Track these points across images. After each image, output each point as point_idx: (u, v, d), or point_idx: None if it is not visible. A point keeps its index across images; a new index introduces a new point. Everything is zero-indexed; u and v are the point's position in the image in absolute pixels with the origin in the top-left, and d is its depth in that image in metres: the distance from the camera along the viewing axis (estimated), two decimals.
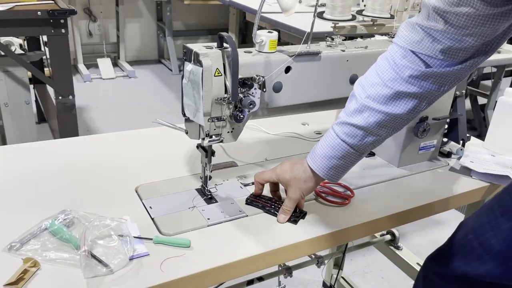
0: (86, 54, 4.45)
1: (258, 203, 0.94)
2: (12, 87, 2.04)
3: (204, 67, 0.82)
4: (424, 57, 0.79)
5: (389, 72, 0.82)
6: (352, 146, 0.85)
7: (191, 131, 0.92)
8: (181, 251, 0.79)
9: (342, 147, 0.85)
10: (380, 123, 0.83)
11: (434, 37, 0.77)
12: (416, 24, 0.80)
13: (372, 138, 0.85)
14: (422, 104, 0.84)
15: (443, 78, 0.81)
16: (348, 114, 0.85)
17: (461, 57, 0.79)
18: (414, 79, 0.80)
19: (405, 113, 0.83)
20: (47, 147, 1.15)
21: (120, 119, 3.45)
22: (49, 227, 0.80)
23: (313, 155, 0.89)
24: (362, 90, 0.85)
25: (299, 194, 0.90)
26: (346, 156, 0.86)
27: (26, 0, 1.97)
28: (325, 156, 0.86)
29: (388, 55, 0.83)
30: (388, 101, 0.82)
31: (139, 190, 0.97)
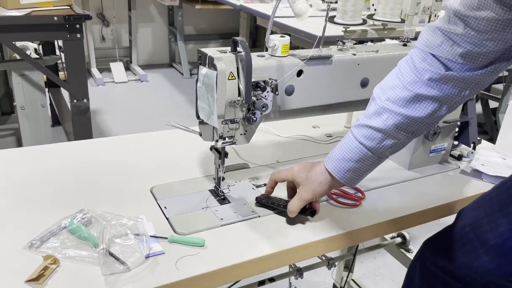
0: (99, 58, 4.52)
1: (268, 202, 0.96)
2: (29, 91, 2.09)
3: (218, 70, 0.84)
4: (444, 60, 0.79)
5: (409, 74, 0.82)
6: (370, 149, 0.85)
7: (205, 133, 0.94)
8: (196, 250, 0.81)
9: (359, 149, 0.85)
10: (399, 125, 0.83)
11: (454, 41, 0.77)
12: (436, 27, 0.80)
13: (391, 141, 0.85)
14: (442, 108, 0.83)
15: (463, 82, 0.80)
16: (367, 116, 0.85)
17: (481, 62, 0.78)
18: (433, 82, 0.80)
19: (424, 116, 0.82)
20: (63, 149, 1.18)
21: (132, 122, 3.49)
22: (68, 225, 0.82)
23: (330, 157, 0.88)
24: (382, 92, 0.85)
25: (311, 195, 0.89)
26: (364, 159, 0.86)
27: (43, 6, 2.01)
28: (342, 159, 0.86)
29: (409, 58, 0.84)
30: (408, 103, 0.82)
31: (154, 190, 1.00)
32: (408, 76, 0.82)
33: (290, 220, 0.93)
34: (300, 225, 0.92)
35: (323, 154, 1.21)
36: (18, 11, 1.92)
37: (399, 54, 1.04)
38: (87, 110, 2.13)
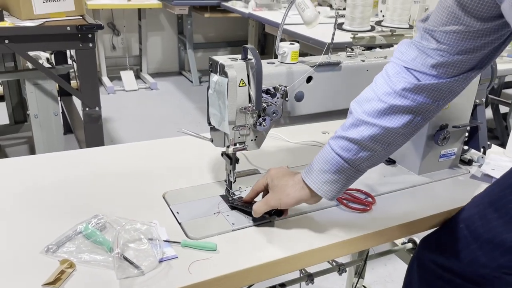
0: (110, 67, 4.58)
1: (238, 204, 0.96)
2: (42, 99, 2.13)
3: (229, 78, 0.86)
4: (417, 74, 0.82)
5: (383, 86, 0.84)
6: (347, 160, 0.85)
7: (216, 139, 0.96)
8: (208, 254, 0.83)
9: (336, 160, 0.86)
10: (374, 137, 0.84)
11: (427, 54, 0.81)
12: (411, 42, 0.84)
13: (367, 153, 0.85)
14: (416, 118, 0.85)
15: (436, 91, 0.83)
16: (344, 129, 0.87)
17: (453, 72, 0.81)
18: (407, 92, 0.82)
19: (399, 127, 0.84)
20: (76, 156, 1.20)
21: (142, 130, 3.53)
22: (83, 230, 0.84)
23: (308, 169, 0.89)
24: (358, 106, 0.87)
25: (277, 203, 0.89)
26: (341, 170, 0.86)
27: (56, 16, 2.05)
28: (319, 170, 0.86)
29: (384, 72, 0.87)
30: (383, 115, 0.83)
31: (166, 196, 1.01)
32: (382, 88, 0.84)
33: (301, 225, 0.94)
34: (310, 230, 0.93)
35: None
36: (32, 21, 1.96)
37: None
38: (99, 118, 2.16)
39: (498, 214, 0.88)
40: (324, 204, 1.01)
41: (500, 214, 0.87)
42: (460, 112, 1.14)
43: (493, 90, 3.54)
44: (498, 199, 0.89)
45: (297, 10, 0.87)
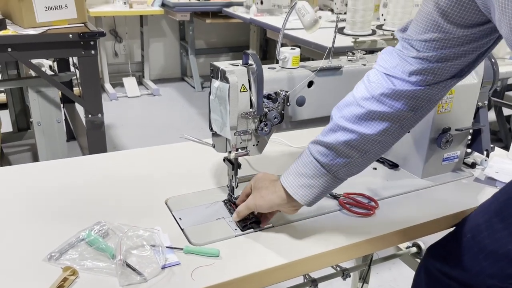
0: (112, 74, 4.60)
1: (233, 210, 0.96)
2: (45, 107, 2.14)
3: (230, 83, 0.86)
4: (396, 80, 0.82)
5: (362, 91, 0.85)
6: (324, 165, 0.85)
7: (218, 144, 0.96)
8: (211, 260, 0.82)
9: (313, 164, 0.85)
10: (350, 142, 0.83)
11: (408, 62, 0.81)
12: (393, 50, 0.85)
13: (343, 160, 0.84)
14: (394, 126, 0.84)
15: (413, 98, 0.82)
16: (323, 134, 0.87)
17: (432, 80, 0.81)
18: (384, 98, 0.82)
19: (375, 133, 0.83)
20: (79, 163, 1.21)
21: (145, 136, 3.53)
22: (86, 237, 0.84)
23: (286, 172, 0.89)
24: (337, 111, 0.87)
25: (252, 205, 0.89)
26: (318, 175, 0.85)
27: (58, 24, 2.07)
28: (297, 173, 0.86)
29: (365, 78, 0.87)
30: (360, 120, 0.83)
31: (168, 202, 1.01)
32: (361, 93, 0.84)
33: (304, 230, 0.93)
34: (313, 235, 0.93)
35: None
36: (34, 29, 1.97)
37: None
38: (101, 125, 2.16)
39: (504, 225, 0.86)
40: (325, 208, 1.00)
41: (506, 225, 0.86)
42: (463, 115, 1.14)
43: (496, 92, 3.53)
44: (504, 208, 0.88)
45: (297, 15, 0.87)
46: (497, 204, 0.91)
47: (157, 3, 4.20)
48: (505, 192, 0.91)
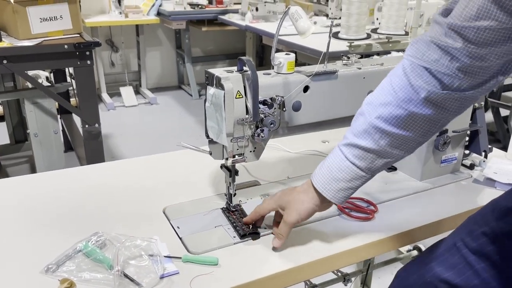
0: (109, 83, 4.60)
1: (232, 218, 0.95)
2: (41, 118, 2.13)
3: (225, 90, 0.86)
4: (441, 76, 0.74)
5: (403, 92, 0.77)
6: (363, 169, 0.82)
7: (215, 152, 0.95)
8: (210, 269, 0.81)
9: (351, 169, 0.82)
10: (392, 144, 0.80)
11: (453, 55, 0.72)
12: (431, 42, 0.75)
13: (384, 160, 0.82)
14: (436, 126, 0.80)
15: (459, 101, 0.77)
16: (356, 134, 0.82)
17: (481, 77, 0.74)
18: (430, 102, 0.76)
19: (418, 135, 0.80)
20: (76, 173, 1.20)
21: (143, 145, 3.53)
22: (83, 249, 0.83)
23: (319, 176, 0.85)
24: (372, 109, 0.81)
25: (295, 217, 0.85)
26: (357, 178, 0.83)
27: (54, 35, 2.07)
28: (333, 179, 0.83)
29: (401, 73, 0.79)
30: (401, 122, 0.78)
31: (166, 211, 1.00)
32: (402, 94, 0.77)
33: (303, 236, 0.93)
34: (312, 240, 0.92)
35: None
36: (30, 41, 1.98)
37: None
38: (98, 135, 2.16)
39: (477, 243, 0.83)
40: (325, 214, 1.00)
41: (478, 245, 0.83)
42: (460, 116, 1.12)
43: (493, 93, 3.54)
44: (477, 227, 0.84)
45: (291, 21, 0.87)
46: (474, 220, 0.87)
47: (153, 12, 4.21)
48: (483, 209, 0.87)
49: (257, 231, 0.92)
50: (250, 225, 0.93)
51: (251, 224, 0.93)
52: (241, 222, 0.94)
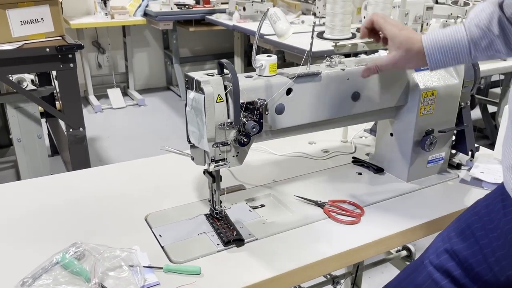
0: (96, 86, 4.55)
1: (216, 225, 0.94)
2: (24, 123, 2.09)
3: (206, 94, 0.84)
4: None
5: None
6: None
7: (197, 157, 0.93)
8: (192, 279, 0.79)
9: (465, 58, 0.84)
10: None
11: None
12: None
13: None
14: None
15: None
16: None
17: None
18: None
19: None
20: (59, 181, 1.17)
21: (132, 148, 3.49)
22: (60, 261, 0.80)
23: (433, 44, 0.86)
24: None
25: (396, 63, 0.89)
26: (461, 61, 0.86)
27: (35, 38, 2.03)
28: (445, 52, 0.85)
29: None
30: None
31: (148, 218, 0.98)
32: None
33: (290, 241, 0.91)
34: (299, 246, 0.90)
35: (321, 170, 1.20)
36: (10, 44, 1.93)
37: None
38: (83, 139, 2.12)
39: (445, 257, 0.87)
40: (311, 218, 0.98)
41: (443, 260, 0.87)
42: (445, 116, 1.12)
43: (481, 90, 3.55)
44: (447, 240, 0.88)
45: (270, 23, 0.85)
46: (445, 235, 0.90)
47: (139, 13, 4.16)
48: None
49: (241, 238, 0.90)
50: (234, 232, 0.91)
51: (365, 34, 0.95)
52: (225, 229, 0.92)
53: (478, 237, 0.83)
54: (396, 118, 1.12)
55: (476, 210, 0.87)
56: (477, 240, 0.83)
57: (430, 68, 0.88)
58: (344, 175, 1.18)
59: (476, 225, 0.85)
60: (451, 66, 0.89)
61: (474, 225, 0.85)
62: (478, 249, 0.83)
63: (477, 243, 0.83)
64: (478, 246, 0.83)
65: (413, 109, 1.08)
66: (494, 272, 0.80)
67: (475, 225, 0.85)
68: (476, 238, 0.84)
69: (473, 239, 0.84)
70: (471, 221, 0.86)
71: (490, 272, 0.81)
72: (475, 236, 0.84)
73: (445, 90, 1.09)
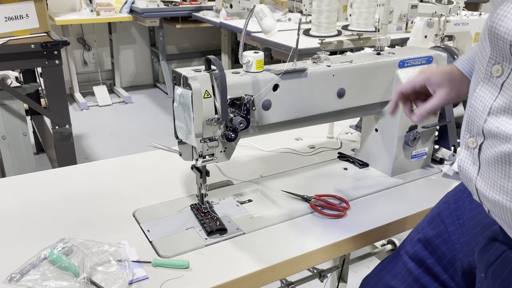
0: (82, 83, 4.50)
1: (200, 216, 0.96)
2: (9, 120, 2.07)
3: (193, 90, 0.84)
4: None
5: None
6: None
7: (185, 152, 0.94)
8: (180, 273, 0.80)
9: None
10: None
11: None
12: None
13: None
14: None
15: None
16: None
17: None
18: None
19: None
20: (45, 177, 1.16)
21: (118, 145, 3.47)
22: (48, 256, 0.81)
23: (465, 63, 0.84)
24: None
25: (450, 97, 0.82)
26: None
27: (20, 34, 2.00)
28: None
29: None
30: None
31: (136, 214, 0.98)
32: None
33: (277, 235, 0.92)
34: (286, 239, 0.91)
35: (308, 166, 1.22)
36: None
37: (373, 63, 1.06)
38: (69, 136, 2.11)
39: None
40: (297, 212, 1.00)
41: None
42: None
43: None
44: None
45: (256, 19, 0.86)
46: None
47: (125, 10, 4.13)
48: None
49: (224, 227, 0.91)
50: (217, 222, 0.93)
51: (394, 110, 0.91)
52: (208, 220, 0.93)
53: (447, 224, 0.86)
54: (380, 114, 1.14)
55: (446, 199, 0.91)
56: (446, 227, 0.86)
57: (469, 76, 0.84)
58: (330, 170, 1.20)
59: (445, 212, 0.88)
60: None
61: (444, 212, 0.88)
62: (447, 237, 0.86)
63: (446, 231, 0.86)
64: (447, 233, 0.86)
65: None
66: (459, 259, 0.83)
67: (444, 213, 0.88)
68: (446, 225, 0.87)
69: (443, 227, 0.87)
70: (440, 209, 0.90)
71: (457, 259, 0.84)
72: (445, 223, 0.87)
73: None
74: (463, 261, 0.82)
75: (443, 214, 0.88)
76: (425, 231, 0.89)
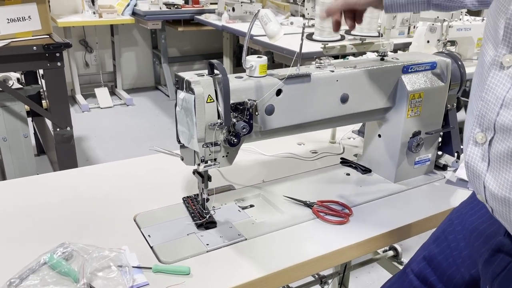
0: (84, 85, 4.51)
1: (190, 208, 0.98)
2: (10, 122, 2.06)
3: (196, 94, 0.84)
4: None
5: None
6: None
7: (187, 157, 0.93)
8: (181, 279, 0.79)
9: None
10: None
11: None
12: None
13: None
14: None
15: None
16: None
17: None
18: None
19: None
20: (46, 181, 1.16)
21: (119, 147, 3.46)
22: (48, 261, 0.80)
23: None
24: None
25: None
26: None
27: (22, 36, 2.00)
28: None
29: None
30: None
31: (137, 219, 0.97)
32: None
33: (279, 241, 0.91)
34: (288, 246, 0.91)
35: (310, 171, 1.21)
36: None
37: (377, 69, 1.05)
38: (70, 138, 2.10)
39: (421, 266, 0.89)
40: (300, 218, 0.99)
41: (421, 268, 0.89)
42: (432, 118, 1.14)
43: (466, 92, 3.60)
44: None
45: (260, 24, 0.85)
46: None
47: (128, 12, 4.14)
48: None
49: (213, 221, 0.92)
50: (207, 215, 0.94)
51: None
52: (199, 213, 0.95)
53: (450, 240, 0.86)
54: (384, 120, 1.14)
55: (450, 216, 0.90)
56: (449, 243, 0.85)
57: (385, 9, 0.88)
58: (332, 176, 1.19)
59: (448, 229, 0.87)
60: (407, 11, 0.89)
61: (447, 229, 0.88)
62: (449, 252, 0.85)
63: (448, 247, 0.85)
64: (449, 249, 0.85)
65: (400, 111, 1.09)
66: (461, 273, 0.82)
67: (447, 230, 0.88)
68: (448, 242, 0.86)
69: (446, 243, 0.86)
70: (445, 227, 0.89)
71: (458, 273, 0.83)
72: (448, 240, 0.86)
73: (432, 93, 1.11)
74: (465, 275, 0.81)
75: (447, 231, 0.87)
76: (429, 249, 0.89)
